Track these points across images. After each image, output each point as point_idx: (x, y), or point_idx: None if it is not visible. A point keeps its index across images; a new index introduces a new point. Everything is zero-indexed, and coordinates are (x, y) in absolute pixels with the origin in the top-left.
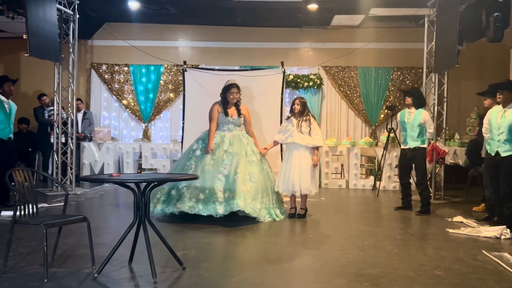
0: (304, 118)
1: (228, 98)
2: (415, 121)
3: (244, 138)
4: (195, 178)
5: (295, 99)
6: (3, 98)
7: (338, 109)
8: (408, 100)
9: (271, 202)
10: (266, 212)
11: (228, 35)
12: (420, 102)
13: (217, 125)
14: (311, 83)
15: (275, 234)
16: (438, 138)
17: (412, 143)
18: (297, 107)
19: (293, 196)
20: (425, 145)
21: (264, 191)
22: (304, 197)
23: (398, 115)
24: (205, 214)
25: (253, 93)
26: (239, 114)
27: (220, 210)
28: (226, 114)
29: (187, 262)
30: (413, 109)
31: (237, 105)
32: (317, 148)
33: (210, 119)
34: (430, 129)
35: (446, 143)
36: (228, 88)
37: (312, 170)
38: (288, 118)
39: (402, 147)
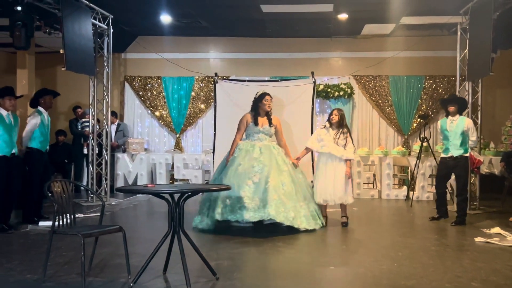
0: (342, 131)
1: (263, 106)
2: (458, 129)
3: (274, 149)
4: (227, 188)
5: (334, 109)
6: (43, 110)
7: (369, 119)
8: (452, 108)
9: (310, 210)
10: (304, 220)
11: (258, 46)
12: (463, 107)
13: (247, 135)
14: (341, 93)
15: (307, 244)
16: (473, 147)
17: (455, 152)
18: (335, 118)
19: (324, 206)
20: (467, 154)
21: (301, 199)
22: (344, 206)
23: (439, 123)
24: (233, 220)
25: (284, 103)
26: (270, 123)
27: (247, 216)
28: (256, 124)
29: (220, 272)
30: (456, 116)
31: (268, 115)
32: (349, 160)
33: (237, 129)
34: (473, 137)
35: (481, 152)
36: (262, 97)
37: (347, 180)
38: (324, 127)
39: (443, 155)
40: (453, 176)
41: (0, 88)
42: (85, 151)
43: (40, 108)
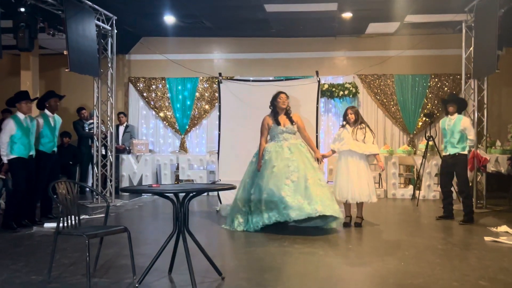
0: (359, 126)
1: (278, 104)
2: (455, 128)
3: (302, 147)
4: (232, 188)
5: (347, 109)
6: (48, 113)
7: (374, 118)
8: (451, 108)
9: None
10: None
11: (262, 46)
12: (462, 107)
13: (272, 137)
14: (346, 92)
15: (313, 244)
16: (479, 146)
17: (452, 150)
18: (352, 116)
19: (348, 205)
20: (465, 152)
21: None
22: (361, 205)
23: (440, 122)
24: (281, 221)
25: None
26: (292, 122)
27: (293, 214)
28: (278, 124)
29: (226, 272)
30: (454, 115)
31: (287, 114)
32: (376, 154)
33: (261, 133)
34: (470, 135)
35: (487, 151)
36: (276, 96)
37: (371, 177)
38: (343, 126)
39: (444, 154)
40: None
41: (16, 93)
42: (93, 152)
43: (46, 111)
